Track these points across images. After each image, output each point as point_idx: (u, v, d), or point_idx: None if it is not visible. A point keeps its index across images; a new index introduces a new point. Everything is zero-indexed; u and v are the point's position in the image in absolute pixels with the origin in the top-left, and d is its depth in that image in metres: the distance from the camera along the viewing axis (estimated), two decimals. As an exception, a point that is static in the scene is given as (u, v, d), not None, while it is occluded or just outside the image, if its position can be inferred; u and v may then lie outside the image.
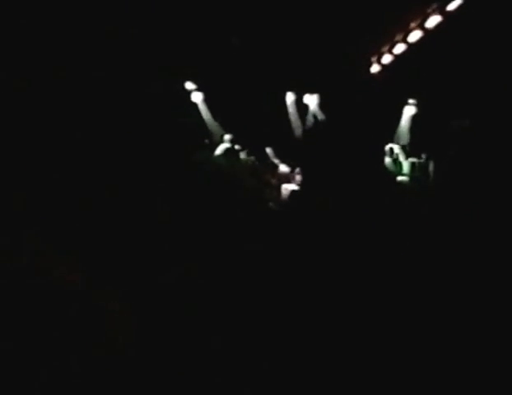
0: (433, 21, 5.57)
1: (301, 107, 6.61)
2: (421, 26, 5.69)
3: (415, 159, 6.27)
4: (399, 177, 6.27)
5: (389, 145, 6.41)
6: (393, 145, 6.41)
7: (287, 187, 6.03)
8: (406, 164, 6.30)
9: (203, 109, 6.38)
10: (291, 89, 6.51)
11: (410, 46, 5.96)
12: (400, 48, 6.07)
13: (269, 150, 6.32)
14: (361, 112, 6.24)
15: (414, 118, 6.47)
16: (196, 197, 5.07)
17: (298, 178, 6.12)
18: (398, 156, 6.37)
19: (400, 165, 6.35)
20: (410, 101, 6.45)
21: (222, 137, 6.31)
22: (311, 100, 6.60)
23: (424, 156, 6.21)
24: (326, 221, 5.17)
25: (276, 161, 6.32)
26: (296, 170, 6.17)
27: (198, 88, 6.30)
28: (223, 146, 6.23)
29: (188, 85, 6.25)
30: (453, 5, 5.33)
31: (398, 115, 6.50)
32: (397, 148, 6.37)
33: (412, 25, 5.77)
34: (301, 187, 6.05)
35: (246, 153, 6.28)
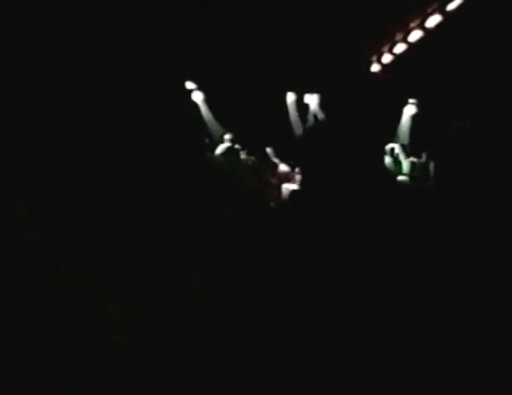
0: (433, 21, 5.57)
1: (301, 107, 6.61)
2: (422, 26, 5.69)
3: (415, 158, 6.28)
4: (399, 177, 6.28)
5: (390, 144, 6.41)
6: (394, 144, 6.41)
7: (287, 186, 6.03)
8: (406, 163, 6.30)
9: (204, 109, 6.39)
10: (292, 88, 6.51)
11: (410, 46, 5.96)
12: (400, 47, 6.08)
13: (269, 149, 6.31)
14: (361, 111, 6.23)
15: (414, 118, 6.48)
16: (196, 197, 5.08)
17: (298, 177, 6.10)
18: (399, 156, 6.37)
19: (400, 165, 6.35)
20: (410, 101, 6.46)
21: (222, 137, 6.31)
22: (311, 100, 6.60)
23: (424, 156, 6.21)
24: (326, 221, 5.17)
25: (276, 161, 6.32)
26: (296, 170, 6.16)
27: (199, 87, 6.30)
28: (223, 146, 6.22)
29: (188, 84, 6.25)
30: (453, 5, 5.33)
31: (399, 115, 6.51)
32: (397, 148, 6.37)
33: (413, 24, 5.77)
34: (301, 186, 6.03)
35: (246, 153, 6.27)
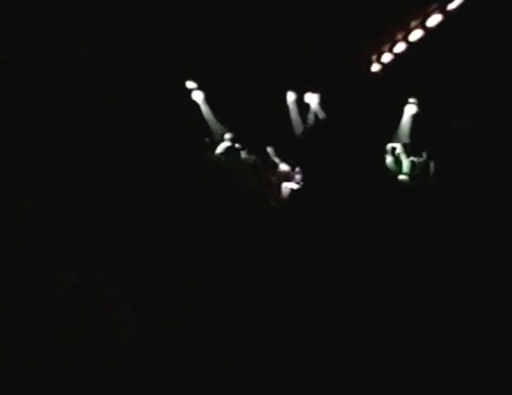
0: (434, 20, 5.58)
1: (302, 106, 6.62)
2: (422, 25, 5.70)
3: (415, 158, 6.28)
4: (400, 176, 6.28)
5: (390, 144, 6.41)
6: (394, 144, 6.41)
7: (288, 185, 6.04)
8: (406, 163, 6.30)
9: (204, 108, 6.39)
10: (292, 88, 6.52)
11: (410, 45, 5.97)
12: (401, 47, 6.08)
13: (270, 149, 6.32)
14: (362, 111, 6.24)
15: (415, 117, 6.48)
16: (196, 197, 5.09)
17: (298, 176, 6.12)
18: (399, 155, 6.37)
19: (401, 164, 6.35)
20: (410, 100, 6.46)
21: (223, 136, 6.31)
22: (312, 99, 6.60)
23: (424, 155, 6.21)
24: (326, 220, 5.17)
25: (276, 160, 6.32)
26: (297, 169, 6.17)
27: (199, 87, 6.30)
28: (224, 145, 6.23)
29: (188, 84, 6.25)
30: (453, 4, 5.34)
31: (399, 114, 6.51)
32: (398, 147, 6.37)
33: (413, 24, 5.77)
34: (302, 186, 6.06)
35: (247, 152, 6.28)
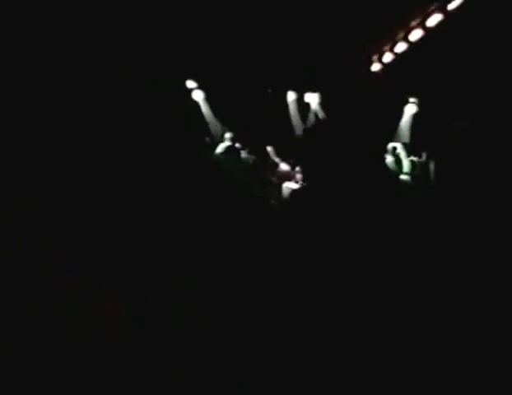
0: (434, 20, 5.58)
1: (302, 105, 6.60)
2: (422, 25, 5.70)
3: (415, 157, 6.27)
4: (400, 176, 6.27)
5: (391, 143, 6.41)
6: (395, 143, 6.40)
7: (288, 185, 6.04)
8: (406, 162, 6.29)
9: (204, 108, 6.38)
10: (292, 87, 6.50)
11: (411, 45, 5.96)
12: (401, 46, 6.07)
13: (270, 148, 6.31)
14: (362, 110, 6.24)
15: (415, 117, 6.47)
16: (196, 196, 5.08)
17: (299, 176, 6.12)
18: (399, 155, 6.37)
19: (401, 164, 6.35)
20: (411, 100, 6.45)
21: (223, 136, 6.30)
22: (312, 99, 6.59)
23: (424, 155, 6.21)
24: (327, 220, 5.17)
25: (276, 160, 6.31)
26: (297, 169, 6.17)
27: (199, 86, 6.29)
28: (224, 145, 6.22)
29: (189, 83, 6.24)
30: (454, 4, 5.34)
31: (399, 114, 6.50)
32: (399, 147, 6.37)
33: (413, 23, 5.77)
34: (302, 185, 6.06)
35: (247, 152, 6.27)
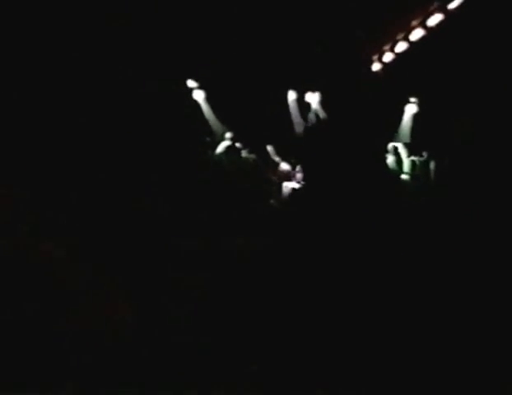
0: (435, 20, 5.58)
1: (303, 105, 6.60)
2: (423, 25, 5.70)
3: (416, 157, 6.27)
4: (401, 175, 6.27)
5: (392, 143, 6.40)
6: (396, 143, 6.40)
7: (288, 185, 6.04)
8: (407, 162, 6.29)
9: (205, 107, 6.38)
10: (293, 87, 6.50)
11: (411, 44, 5.95)
12: (402, 46, 6.06)
13: (270, 148, 6.31)
14: (363, 110, 6.23)
15: (415, 117, 6.46)
16: (197, 196, 5.09)
17: (299, 176, 6.12)
18: (400, 155, 6.36)
19: (401, 164, 6.34)
20: (411, 100, 6.44)
21: (224, 135, 6.31)
22: (313, 99, 6.59)
23: (425, 155, 6.21)
24: (327, 220, 5.18)
25: (277, 159, 6.31)
26: (297, 168, 6.17)
27: (200, 86, 6.29)
28: (224, 144, 6.23)
29: (189, 83, 6.25)
30: (454, 3, 5.34)
31: (400, 114, 6.49)
32: (400, 147, 6.36)
33: (414, 23, 5.77)
34: (302, 185, 6.06)
35: (247, 151, 6.27)
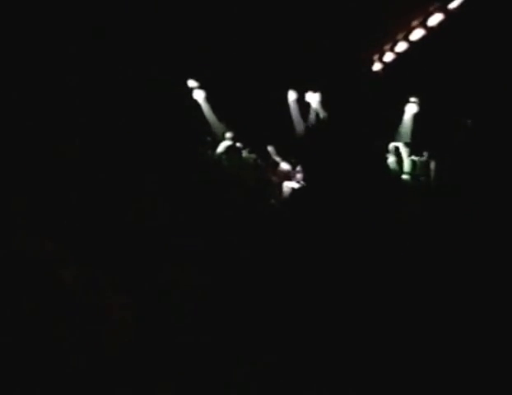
0: (435, 20, 5.58)
1: (303, 105, 6.61)
2: (423, 25, 5.71)
3: (416, 157, 6.27)
4: (402, 175, 6.27)
5: (392, 143, 6.41)
6: (396, 143, 6.40)
7: (289, 185, 6.05)
8: (407, 162, 6.29)
9: (205, 107, 6.39)
10: (293, 87, 6.51)
11: (412, 44, 5.96)
12: (402, 46, 6.07)
13: (271, 148, 6.32)
14: (363, 110, 6.24)
15: (416, 117, 6.46)
16: (197, 195, 5.10)
17: (299, 176, 6.13)
18: (401, 154, 6.36)
19: (402, 163, 6.35)
20: (412, 99, 6.44)
21: (224, 135, 6.32)
22: (313, 98, 6.60)
23: (425, 154, 6.21)
24: (327, 219, 5.18)
25: (277, 159, 6.32)
26: (298, 168, 6.18)
27: (200, 86, 6.30)
28: (225, 144, 6.24)
29: (190, 82, 6.26)
30: (454, 3, 5.34)
31: (400, 113, 6.49)
32: (401, 146, 6.37)
33: (414, 23, 5.77)
34: (303, 185, 6.06)
35: (248, 151, 6.28)
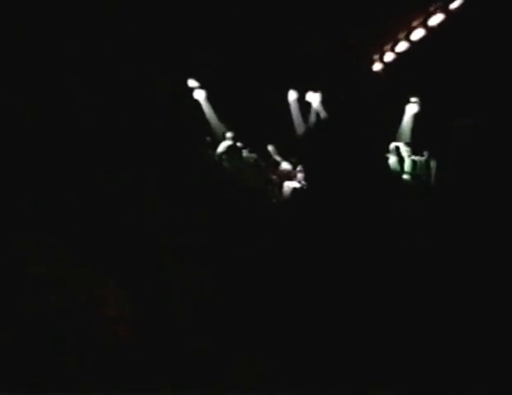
0: (436, 20, 5.58)
1: (304, 105, 6.61)
2: (424, 25, 5.71)
3: (417, 157, 6.27)
4: (402, 175, 6.28)
5: (393, 143, 6.41)
6: (397, 143, 6.41)
7: (289, 184, 6.05)
8: (408, 162, 6.29)
9: (206, 107, 6.39)
10: (294, 87, 6.51)
11: (412, 44, 5.97)
12: (403, 46, 6.08)
13: (271, 147, 6.32)
14: (363, 110, 6.24)
15: (416, 117, 6.47)
16: (198, 195, 5.10)
17: (300, 175, 6.13)
18: (401, 154, 6.37)
19: (402, 163, 6.35)
20: (412, 99, 6.45)
21: (224, 135, 6.32)
22: (313, 98, 6.60)
23: (426, 154, 6.21)
24: (328, 219, 5.18)
25: (278, 159, 6.32)
26: (298, 168, 6.18)
27: (201, 86, 6.31)
28: (225, 144, 6.24)
29: (190, 82, 6.26)
30: (455, 3, 5.34)
31: (401, 113, 6.50)
32: (401, 146, 6.37)
33: (415, 23, 5.77)
34: (303, 184, 6.07)
35: (248, 150, 6.28)
